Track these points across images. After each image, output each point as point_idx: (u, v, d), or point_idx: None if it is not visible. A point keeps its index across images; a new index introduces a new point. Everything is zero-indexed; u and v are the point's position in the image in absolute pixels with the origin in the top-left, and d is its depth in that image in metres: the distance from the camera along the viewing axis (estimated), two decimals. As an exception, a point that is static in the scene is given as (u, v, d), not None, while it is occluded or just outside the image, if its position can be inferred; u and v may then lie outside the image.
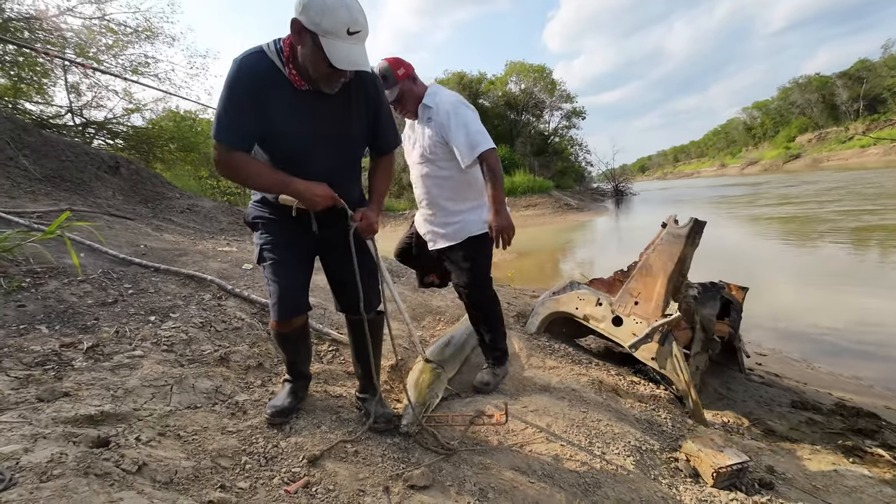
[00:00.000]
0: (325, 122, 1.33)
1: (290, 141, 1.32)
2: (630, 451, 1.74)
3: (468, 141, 1.81)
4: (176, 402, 1.50)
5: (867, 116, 46.79)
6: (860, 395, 3.01)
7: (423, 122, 1.92)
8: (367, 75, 1.37)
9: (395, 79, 1.83)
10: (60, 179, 4.20)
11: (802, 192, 17.33)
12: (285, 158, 1.35)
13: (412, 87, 1.89)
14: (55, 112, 8.76)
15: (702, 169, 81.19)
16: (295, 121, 1.29)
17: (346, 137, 1.40)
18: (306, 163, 1.34)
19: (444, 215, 2.01)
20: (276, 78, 1.23)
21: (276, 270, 1.43)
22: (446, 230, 2.02)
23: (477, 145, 1.82)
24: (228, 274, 2.86)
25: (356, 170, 1.56)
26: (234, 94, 1.20)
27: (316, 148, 1.35)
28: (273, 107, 1.24)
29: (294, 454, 1.36)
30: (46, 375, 1.46)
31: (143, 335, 1.89)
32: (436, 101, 1.89)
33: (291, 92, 1.26)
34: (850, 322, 4.51)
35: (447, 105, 1.86)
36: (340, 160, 1.43)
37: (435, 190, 1.99)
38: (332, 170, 1.39)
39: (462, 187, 1.97)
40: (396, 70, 1.84)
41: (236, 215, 5.37)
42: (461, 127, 1.82)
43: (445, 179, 1.96)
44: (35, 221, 2.83)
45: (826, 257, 7.11)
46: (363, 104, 1.38)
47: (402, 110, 1.93)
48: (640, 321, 2.39)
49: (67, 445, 1.08)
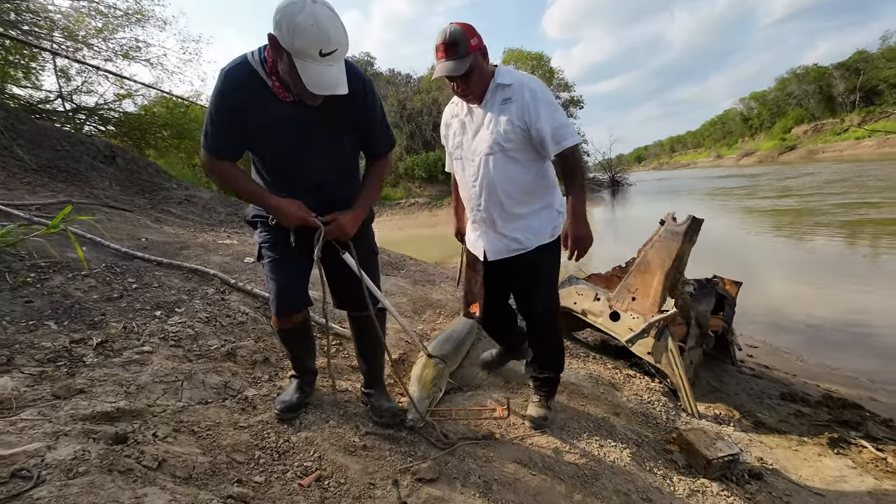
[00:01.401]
0: (312, 131, 1.32)
1: (278, 151, 1.34)
2: (627, 443, 1.81)
3: (554, 131, 1.55)
4: (187, 398, 1.53)
5: (863, 108, 46.89)
6: (846, 387, 3.11)
7: (497, 105, 1.59)
8: (357, 78, 1.33)
9: (468, 48, 1.49)
10: (56, 170, 4.16)
11: (804, 185, 17.28)
12: (275, 166, 1.37)
13: (483, 64, 1.56)
14: (44, 97, 8.59)
15: (698, 159, 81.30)
16: (280, 132, 1.29)
17: (335, 144, 1.39)
18: (295, 170, 1.36)
19: (509, 218, 1.69)
20: (260, 90, 1.22)
21: (275, 268, 1.46)
22: (512, 235, 1.70)
23: (563, 139, 1.56)
24: (231, 268, 2.88)
25: (352, 171, 1.52)
26: (220, 108, 1.23)
27: (304, 156, 1.35)
28: (258, 119, 1.25)
29: (305, 448, 1.40)
30: (59, 372, 1.49)
31: (150, 330, 1.92)
32: (515, 78, 1.59)
33: (276, 104, 1.24)
34: (838, 315, 4.63)
35: (532, 84, 1.58)
36: (332, 166, 1.42)
37: (504, 186, 1.64)
38: (323, 176, 1.40)
39: (535, 183, 1.68)
40: (470, 39, 1.49)
41: (234, 206, 5.35)
42: (549, 112, 1.55)
43: (518, 173, 1.63)
44: (35, 214, 2.82)
45: (820, 251, 7.22)
46: (352, 109, 1.34)
47: (465, 90, 1.58)
48: (637, 317, 2.45)
49: (88, 442, 1.11)
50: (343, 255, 1.42)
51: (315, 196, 1.39)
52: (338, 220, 1.38)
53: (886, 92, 44.45)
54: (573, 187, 1.61)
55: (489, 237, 1.75)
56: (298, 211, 1.33)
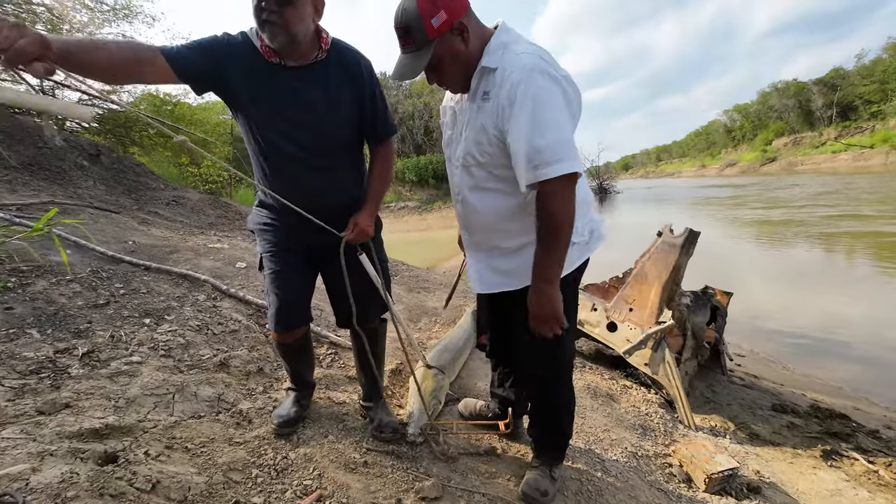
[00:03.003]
0: (301, 100, 1.26)
1: (267, 120, 1.27)
2: (627, 456, 1.80)
3: (534, 145, 1.03)
4: (179, 412, 1.47)
5: (840, 123, 48.68)
6: (832, 397, 3.18)
7: (477, 101, 1.15)
8: (350, 54, 1.32)
9: (427, 35, 1.06)
10: (38, 168, 4.01)
11: (793, 196, 17.49)
12: (267, 143, 1.29)
13: (458, 47, 1.10)
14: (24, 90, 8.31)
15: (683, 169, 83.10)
16: (267, 95, 1.23)
17: (327, 119, 1.30)
18: (288, 145, 1.28)
19: (494, 247, 1.31)
20: (249, 50, 1.22)
21: (276, 280, 1.41)
22: (500, 266, 1.32)
23: (543, 159, 1.02)
24: (222, 273, 2.80)
25: (349, 157, 1.42)
26: (204, 39, 1.21)
27: (295, 130, 1.27)
28: (246, 79, 1.21)
29: (304, 466, 1.35)
30: (43, 385, 1.41)
31: (139, 339, 1.84)
32: (502, 60, 1.09)
33: (264, 65, 1.22)
34: (820, 324, 4.76)
35: (516, 71, 1.05)
36: (325, 143, 1.33)
37: (483, 210, 1.26)
38: (316, 154, 1.31)
39: (526, 212, 1.18)
40: (429, 18, 1.04)
41: (223, 209, 5.23)
42: (526, 117, 1.03)
43: (500, 198, 1.22)
44: (16, 215, 2.70)
45: (805, 261, 7.40)
46: (346, 85, 1.30)
47: (440, 82, 1.20)
48: (635, 328, 2.46)
49: (76, 463, 1.05)
50: (360, 255, 1.40)
51: (317, 183, 1.34)
52: (357, 223, 1.36)
53: (861, 108, 46.27)
54: (542, 240, 1.09)
55: (475, 261, 1.39)
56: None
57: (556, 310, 1.12)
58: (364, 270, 1.44)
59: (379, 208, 1.48)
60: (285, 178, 1.33)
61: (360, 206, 1.44)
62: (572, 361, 1.48)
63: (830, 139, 45.21)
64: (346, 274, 1.39)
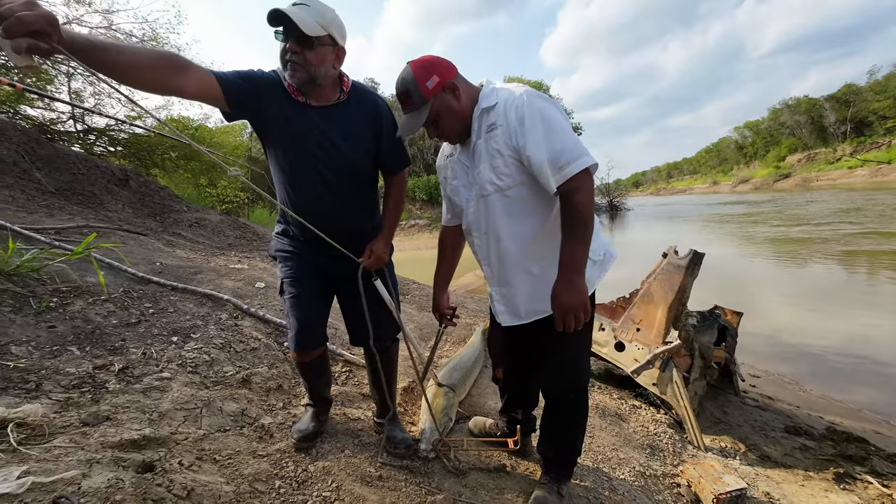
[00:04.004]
0: (323, 136, 1.39)
1: (293, 152, 1.39)
2: (635, 476, 1.83)
3: (555, 154, 1.16)
4: (207, 426, 1.57)
5: (854, 139, 48.14)
6: (850, 419, 3.13)
7: (483, 136, 1.30)
8: (369, 95, 1.47)
9: (423, 95, 1.26)
10: (72, 192, 4.26)
11: (814, 213, 16.83)
12: (292, 172, 1.42)
13: (452, 103, 1.29)
14: (56, 118, 8.84)
15: (694, 185, 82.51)
16: (293, 130, 1.36)
17: (346, 153, 1.42)
18: (310, 175, 1.41)
19: (519, 275, 1.36)
20: (277, 87, 1.35)
21: (295, 303, 1.52)
22: (525, 294, 1.37)
23: (568, 161, 1.15)
24: (243, 293, 2.93)
25: (366, 185, 1.54)
26: (248, 72, 1.35)
27: (317, 162, 1.40)
28: (272, 113, 1.35)
29: (323, 478, 1.43)
30: (84, 398, 1.53)
31: (168, 356, 1.96)
32: (500, 96, 1.26)
33: (289, 102, 1.36)
34: (842, 345, 4.65)
35: (515, 98, 1.22)
36: (343, 174, 1.44)
37: (508, 236, 1.33)
38: (335, 183, 1.44)
39: (550, 231, 1.29)
40: (424, 82, 1.25)
41: (242, 229, 5.44)
42: (545, 130, 1.18)
43: (524, 218, 1.30)
44: (55, 238, 2.89)
45: (827, 279, 7.17)
46: (364, 124, 1.44)
47: (441, 135, 1.36)
48: (642, 347, 2.50)
49: (119, 470, 1.15)
50: (375, 280, 1.50)
51: (337, 208, 1.46)
52: (374, 251, 1.48)
53: (876, 123, 45.75)
54: (572, 233, 1.17)
55: (501, 295, 1.43)
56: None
57: (585, 300, 1.18)
58: (378, 294, 1.55)
59: (393, 235, 1.60)
60: (308, 203, 1.45)
61: (377, 232, 1.56)
62: (586, 381, 1.55)
63: (846, 155, 44.66)
64: (364, 297, 1.50)
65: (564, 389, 1.45)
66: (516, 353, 1.64)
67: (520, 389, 1.75)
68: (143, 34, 9.56)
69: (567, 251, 1.18)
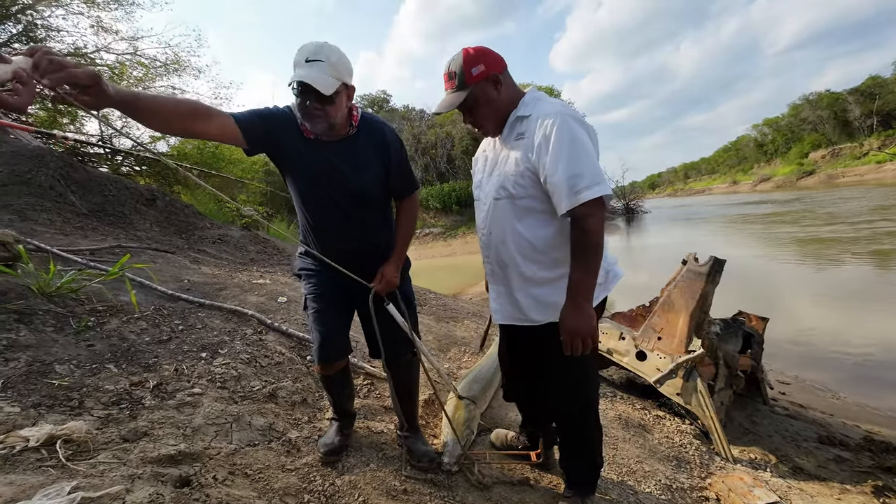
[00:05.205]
0: (335, 168, 1.46)
1: (307, 183, 1.48)
2: (661, 489, 1.80)
3: (573, 172, 1.19)
4: (237, 440, 1.62)
5: (882, 132, 46.33)
6: (889, 429, 3.00)
7: (511, 141, 1.35)
8: (377, 125, 1.54)
9: (465, 80, 1.32)
10: (104, 213, 4.47)
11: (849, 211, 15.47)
12: (308, 200, 1.51)
13: (491, 94, 1.34)
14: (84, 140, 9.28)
15: (713, 185, 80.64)
16: (306, 164, 1.45)
17: (356, 183, 1.50)
18: (325, 201, 1.49)
19: (520, 279, 1.40)
20: (291, 124, 1.43)
21: (318, 318, 1.59)
22: (523, 300, 1.41)
23: (583, 185, 1.17)
24: (266, 308, 3.02)
25: (377, 209, 1.61)
26: (263, 110, 1.43)
27: (330, 191, 1.48)
28: (287, 148, 1.43)
29: (349, 492, 1.46)
30: (122, 415, 1.60)
31: (198, 372, 2.03)
32: (535, 109, 1.32)
33: (301, 139, 1.44)
34: (878, 350, 4.45)
35: (550, 115, 1.25)
36: (355, 200, 1.51)
37: (513, 241, 1.38)
38: (349, 208, 1.51)
39: (556, 243, 1.34)
40: (469, 68, 1.31)
41: (262, 244, 5.60)
42: (568, 153, 1.20)
43: (532, 228, 1.34)
44: (90, 259, 3.04)
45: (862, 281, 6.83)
46: (373, 154, 1.51)
47: (473, 123, 1.41)
48: (664, 357, 2.47)
49: (159, 485, 1.21)
50: (387, 305, 1.54)
51: (351, 230, 1.53)
52: (384, 276, 1.53)
53: (904, 116, 43.96)
54: (583, 261, 1.19)
55: (497, 294, 1.49)
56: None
57: (592, 325, 1.20)
58: (391, 315, 1.59)
59: (404, 258, 1.65)
60: (324, 226, 1.55)
61: (389, 255, 1.62)
62: (597, 395, 1.57)
63: (873, 149, 43.00)
64: (375, 320, 1.55)
65: (570, 409, 1.47)
66: (513, 358, 1.68)
67: (528, 407, 1.79)
68: (167, 58, 10.04)
69: (576, 278, 1.21)
